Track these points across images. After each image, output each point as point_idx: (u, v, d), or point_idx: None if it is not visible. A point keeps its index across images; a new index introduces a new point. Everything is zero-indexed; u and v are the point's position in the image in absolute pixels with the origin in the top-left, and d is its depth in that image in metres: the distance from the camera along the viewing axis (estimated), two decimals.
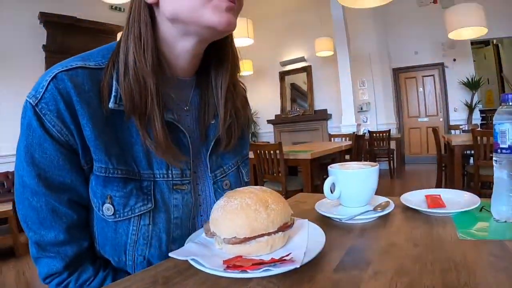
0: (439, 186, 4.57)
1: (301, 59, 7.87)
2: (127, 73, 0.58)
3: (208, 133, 0.70)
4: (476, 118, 6.59)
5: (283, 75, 8.25)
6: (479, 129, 3.57)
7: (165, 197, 0.63)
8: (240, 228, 0.49)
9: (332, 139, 5.70)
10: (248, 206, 0.50)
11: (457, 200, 0.73)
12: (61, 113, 0.54)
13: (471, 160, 4.21)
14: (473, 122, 6.39)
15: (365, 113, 7.22)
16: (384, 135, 6.01)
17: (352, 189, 0.70)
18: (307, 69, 7.81)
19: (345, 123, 6.56)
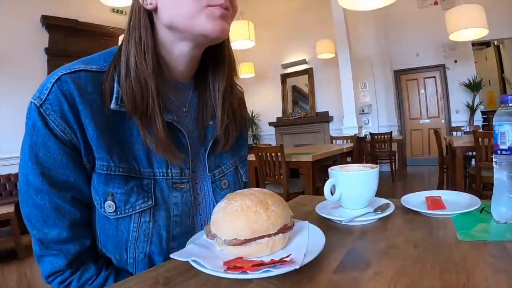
0: (440, 187, 4.57)
1: (303, 62, 7.88)
2: (129, 75, 0.61)
3: (206, 133, 0.72)
4: (478, 119, 6.57)
5: (284, 77, 8.25)
6: (480, 130, 3.55)
7: (165, 195, 0.64)
8: (241, 229, 0.49)
9: (334, 141, 5.69)
10: (249, 208, 0.50)
11: (457, 201, 0.73)
12: (64, 113, 0.56)
13: (473, 162, 4.21)
14: (475, 124, 6.38)
15: (367, 115, 7.21)
16: (385, 137, 5.99)
17: (353, 191, 0.70)
18: (309, 72, 7.82)
19: (346, 125, 6.56)
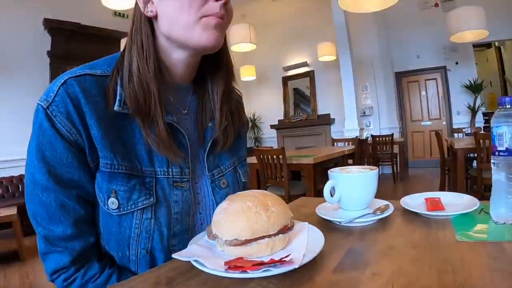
0: (442, 189, 4.54)
1: (304, 64, 7.89)
2: (132, 79, 0.63)
3: (205, 135, 0.75)
4: (479, 121, 6.56)
5: (286, 80, 8.27)
6: (481, 132, 3.55)
7: (166, 193, 0.67)
8: (241, 230, 0.50)
9: (335, 143, 5.69)
10: (249, 209, 0.51)
11: (456, 202, 0.73)
12: (70, 114, 0.59)
13: (475, 163, 4.20)
14: (476, 125, 6.35)
15: (368, 118, 7.20)
16: (387, 139, 5.98)
17: (352, 192, 0.71)
18: (310, 74, 7.83)
19: (348, 127, 6.55)
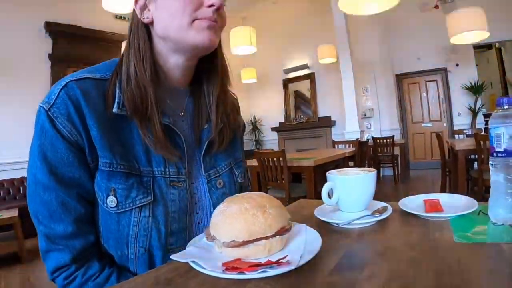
0: (443, 191, 4.54)
1: (304, 67, 7.91)
2: (130, 82, 0.66)
3: (201, 136, 0.77)
4: (480, 122, 6.54)
5: (286, 82, 8.28)
6: (482, 133, 3.54)
7: (163, 192, 0.69)
8: (239, 232, 0.50)
9: (336, 146, 5.69)
10: (247, 211, 0.52)
11: (455, 204, 0.73)
12: (71, 116, 0.62)
13: (476, 165, 4.19)
14: (477, 127, 6.34)
15: (369, 120, 7.20)
16: (388, 141, 5.98)
17: (350, 194, 0.71)
18: (311, 76, 7.84)
19: (348, 129, 6.56)
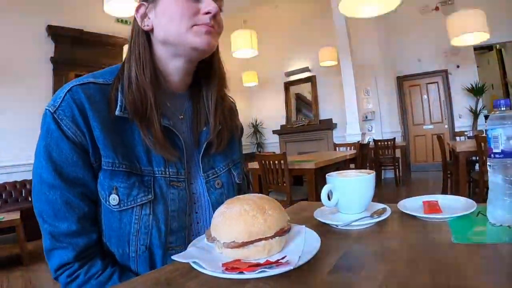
0: (444, 193, 4.52)
1: (306, 69, 7.91)
2: (131, 86, 0.70)
3: (200, 138, 0.80)
4: (481, 124, 6.52)
5: (288, 85, 8.30)
6: (483, 135, 3.54)
7: (163, 191, 0.71)
8: (239, 233, 0.51)
9: (337, 148, 5.69)
10: (246, 212, 0.52)
11: (454, 205, 0.73)
12: (75, 118, 0.65)
13: (477, 167, 4.18)
14: (478, 128, 6.34)
15: (370, 122, 7.20)
16: (389, 143, 5.97)
17: (349, 196, 0.72)
18: (312, 79, 7.85)
19: (350, 132, 6.56)
